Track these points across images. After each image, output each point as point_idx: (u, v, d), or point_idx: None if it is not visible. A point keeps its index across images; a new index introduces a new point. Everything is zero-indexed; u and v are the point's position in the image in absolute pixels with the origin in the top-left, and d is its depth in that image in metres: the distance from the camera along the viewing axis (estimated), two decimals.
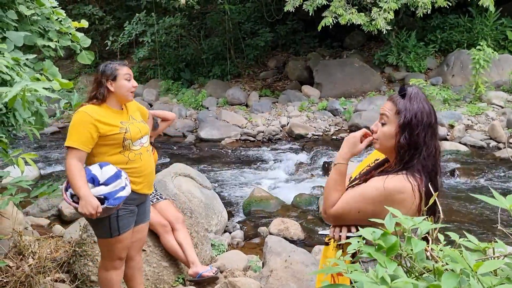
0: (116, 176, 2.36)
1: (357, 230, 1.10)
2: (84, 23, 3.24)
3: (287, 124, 9.40)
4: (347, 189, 1.68)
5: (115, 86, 2.52)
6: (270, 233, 4.69)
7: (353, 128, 8.83)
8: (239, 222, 5.25)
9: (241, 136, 9.18)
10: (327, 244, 1.80)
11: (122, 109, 2.60)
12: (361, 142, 1.67)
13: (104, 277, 2.68)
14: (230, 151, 8.49)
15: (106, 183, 2.33)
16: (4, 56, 2.27)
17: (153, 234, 3.42)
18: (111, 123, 2.47)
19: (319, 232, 1.85)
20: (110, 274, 2.66)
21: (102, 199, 2.31)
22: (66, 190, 2.37)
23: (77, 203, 2.31)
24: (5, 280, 2.84)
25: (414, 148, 1.57)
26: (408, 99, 1.59)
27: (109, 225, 2.49)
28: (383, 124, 1.63)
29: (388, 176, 1.57)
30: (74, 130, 2.40)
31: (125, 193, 2.34)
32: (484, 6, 8.75)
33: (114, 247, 2.58)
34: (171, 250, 3.44)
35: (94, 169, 2.38)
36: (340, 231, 1.66)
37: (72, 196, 2.34)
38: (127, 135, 2.49)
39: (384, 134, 1.62)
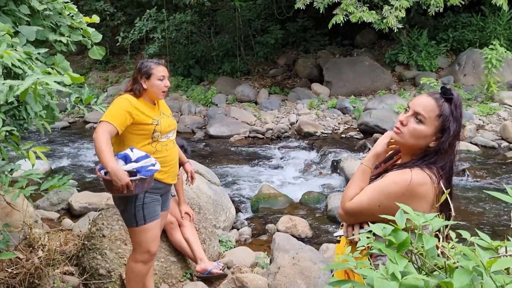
0: (146, 156, 2.50)
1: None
2: (96, 18, 3.25)
3: (296, 122, 9.37)
4: None
5: (148, 84, 2.66)
6: (278, 230, 4.68)
7: (363, 126, 8.78)
8: (247, 219, 5.26)
9: (250, 133, 9.18)
10: (339, 242, 1.79)
11: (155, 104, 2.75)
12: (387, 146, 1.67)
13: (131, 267, 2.72)
14: (238, 148, 8.49)
15: (136, 160, 2.46)
16: (16, 50, 2.28)
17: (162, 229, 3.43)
18: (146, 114, 2.63)
19: (334, 234, 1.83)
20: (138, 266, 2.70)
21: (134, 173, 2.42)
22: (101, 169, 2.46)
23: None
24: (15, 272, 2.87)
25: (446, 152, 1.57)
26: (454, 106, 1.56)
27: (134, 213, 2.59)
28: (418, 121, 1.57)
29: (406, 170, 1.56)
30: (113, 110, 2.55)
31: (156, 168, 2.48)
32: (497, 5, 8.64)
33: (141, 237, 2.63)
34: (178, 246, 3.45)
35: (126, 150, 2.52)
36: (353, 230, 1.64)
37: (106, 173, 2.44)
38: (157, 128, 2.64)
39: (418, 132, 1.57)
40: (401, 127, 1.59)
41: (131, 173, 2.40)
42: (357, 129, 8.99)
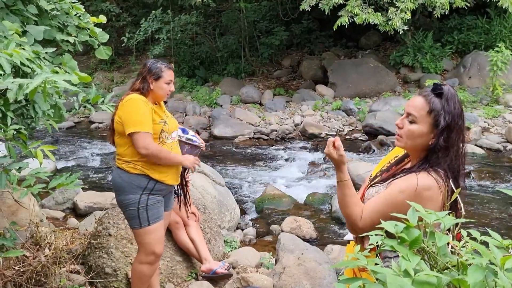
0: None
1: None
2: (102, 19, 3.26)
3: (301, 123, 9.37)
4: (368, 187, 1.67)
5: (155, 86, 2.66)
6: (283, 231, 4.68)
7: (367, 128, 8.77)
8: (251, 220, 5.26)
9: (254, 134, 9.19)
10: (349, 242, 1.79)
11: (156, 104, 2.75)
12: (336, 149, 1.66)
13: (136, 269, 2.73)
14: (243, 149, 8.50)
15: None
16: (24, 49, 2.29)
17: (167, 228, 3.43)
18: (158, 113, 2.65)
19: (345, 238, 1.82)
20: (143, 268, 2.70)
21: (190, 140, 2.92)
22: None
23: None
24: (22, 270, 2.89)
25: (446, 149, 1.53)
26: (445, 99, 1.52)
27: (138, 215, 2.59)
28: (411, 122, 1.56)
29: (411, 175, 1.54)
30: (138, 116, 2.55)
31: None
32: (503, 7, 8.63)
33: (146, 238, 2.63)
34: (183, 246, 3.45)
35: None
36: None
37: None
38: (165, 127, 2.64)
39: (412, 133, 1.56)
40: (399, 131, 1.60)
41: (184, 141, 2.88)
42: (362, 130, 8.98)
